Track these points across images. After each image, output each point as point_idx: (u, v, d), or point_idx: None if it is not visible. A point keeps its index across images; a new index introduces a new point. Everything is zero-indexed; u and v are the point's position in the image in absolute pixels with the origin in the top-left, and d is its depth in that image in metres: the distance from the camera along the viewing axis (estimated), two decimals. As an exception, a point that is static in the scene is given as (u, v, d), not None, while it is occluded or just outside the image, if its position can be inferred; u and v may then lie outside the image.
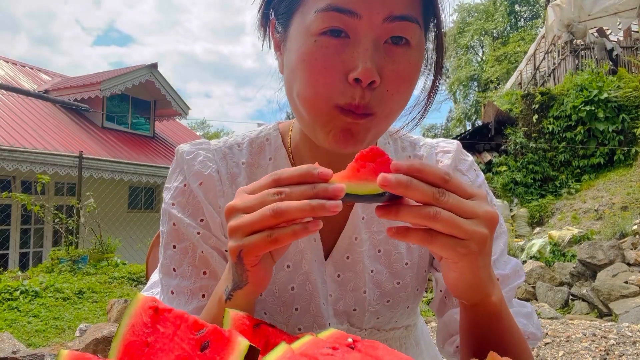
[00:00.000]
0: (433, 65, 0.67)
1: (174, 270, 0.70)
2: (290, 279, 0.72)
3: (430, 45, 0.66)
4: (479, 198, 0.49)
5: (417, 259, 0.77)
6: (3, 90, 10.27)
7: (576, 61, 11.84)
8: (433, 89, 0.68)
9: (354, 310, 0.74)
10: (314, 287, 0.72)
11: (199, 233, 0.70)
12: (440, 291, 0.78)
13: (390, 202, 0.48)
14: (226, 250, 0.71)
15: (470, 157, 0.82)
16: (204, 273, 0.69)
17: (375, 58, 0.56)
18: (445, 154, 0.80)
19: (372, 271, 0.74)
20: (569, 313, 5.10)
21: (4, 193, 6.88)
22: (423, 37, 0.62)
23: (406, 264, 0.76)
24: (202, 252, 0.70)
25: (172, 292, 0.70)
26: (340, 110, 0.58)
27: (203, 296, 0.69)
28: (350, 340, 0.42)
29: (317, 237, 0.73)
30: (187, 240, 0.70)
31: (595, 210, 8.17)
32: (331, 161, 0.71)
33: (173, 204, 0.71)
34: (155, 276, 0.81)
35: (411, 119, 0.70)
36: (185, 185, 0.72)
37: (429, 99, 0.68)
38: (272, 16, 0.68)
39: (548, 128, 10.35)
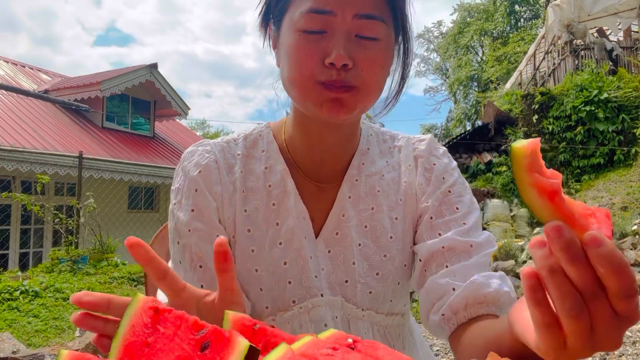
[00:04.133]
0: (402, 56, 0.79)
1: (180, 263, 0.78)
2: (283, 255, 0.78)
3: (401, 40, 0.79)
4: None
5: (402, 234, 0.83)
6: (3, 90, 10.27)
7: (576, 61, 11.84)
8: (403, 79, 0.80)
9: (346, 281, 0.79)
10: (305, 262, 0.78)
11: (189, 230, 0.77)
12: (420, 260, 0.80)
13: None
14: (218, 236, 0.73)
15: (444, 147, 0.91)
16: (200, 267, 0.77)
17: (348, 47, 0.68)
18: (421, 142, 0.89)
19: (359, 245, 0.80)
20: (569, 313, 5.08)
21: (4, 193, 6.88)
22: (391, 32, 0.73)
23: (390, 237, 0.82)
24: (194, 249, 0.77)
25: None
26: (324, 86, 0.69)
27: (202, 286, 0.75)
28: (350, 340, 0.42)
29: (306, 216, 0.80)
30: (184, 238, 0.78)
31: (595, 210, 8.16)
32: (322, 149, 0.81)
33: (175, 204, 0.80)
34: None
35: (387, 104, 0.83)
36: (182, 182, 0.80)
37: (400, 87, 0.80)
38: (271, 19, 0.79)
39: (548, 128, 10.35)
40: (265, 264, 0.78)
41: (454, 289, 0.72)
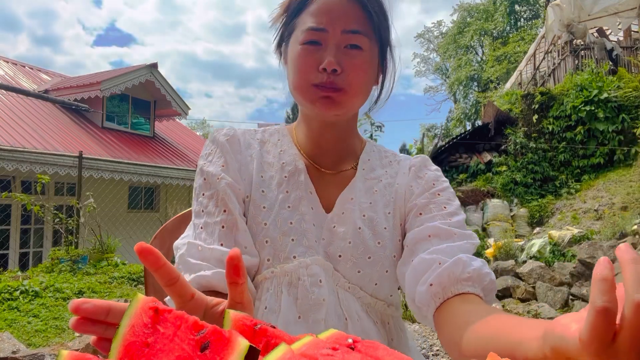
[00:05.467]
0: (379, 65, 0.95)
1: (203, 211, 0.89)
2: (290, 217, 0.90)
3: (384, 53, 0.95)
4: None
5: (392, 227, 0.93)
6: (3, 90, 10.27)
7: (576, 61, 11.84)
8: (382, 84, 0.97)
9: (339, 256, 0.89)
10: (308, 225, 0.90)
11: (218, 179, 0.89)
12: (407, 246, 0.89)
13: None
14: (239, 189, 0.90)
15: (437, 166, 1.04)
16: (224, 211, 0.88)
17: (337, 55, 0.85)
18: (417, 158, 1.03)
19: (359, 228, 0.91)
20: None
21: (4, 193, 6.88)
22: (375, 46, 0.90)
23: (385, 228, 0.92)
24: (222, 194, 0.88)
25: (201, 227, 0.88)
26: (316, 87, 0.86)
27: (222, 227, 0.86)
28: (350, 340, 0.42)
29: (313, 191, 0.93)
30: (213, 188, 0.89)
31: (595, 210, 8.18)
32: (321, 144, 0.96)
33: (204, 163, 0.93)
34: (187, 232, 0.96)
35: (375, 106, 1.00)
36: (212, 148, 0.94)
37: (381, 89, 0.98)
38: (284, 42, 0.96)
39: (548, 128, 10.35)
40: (273, 220, 0.89)
41: (440, 263, 0.79)
